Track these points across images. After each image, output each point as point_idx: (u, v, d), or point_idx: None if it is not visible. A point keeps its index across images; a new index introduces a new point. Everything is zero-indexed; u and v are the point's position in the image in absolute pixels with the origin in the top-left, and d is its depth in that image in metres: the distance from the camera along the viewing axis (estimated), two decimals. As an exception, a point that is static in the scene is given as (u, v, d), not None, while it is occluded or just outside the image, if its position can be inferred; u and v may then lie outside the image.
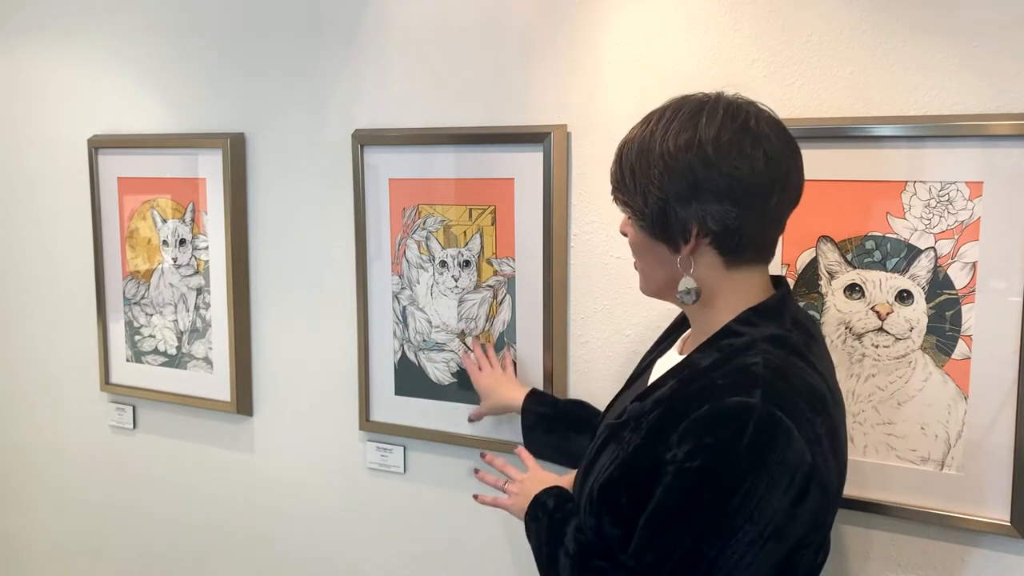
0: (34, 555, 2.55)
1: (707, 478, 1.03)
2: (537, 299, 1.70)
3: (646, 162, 1.11)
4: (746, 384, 1.04)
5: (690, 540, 1.04)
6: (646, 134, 1.13)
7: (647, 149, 1.12)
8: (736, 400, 1.03)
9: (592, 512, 1.17)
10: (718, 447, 1.02)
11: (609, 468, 1.14)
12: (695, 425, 1.04)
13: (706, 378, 1.08)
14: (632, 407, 1.16)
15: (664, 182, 1.10)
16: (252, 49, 2.00)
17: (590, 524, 1.17)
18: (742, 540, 1.02)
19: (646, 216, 1.14)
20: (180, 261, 2.14)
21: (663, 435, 1.07)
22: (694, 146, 1.08)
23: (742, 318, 1.13)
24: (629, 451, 1.12)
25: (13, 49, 2.36)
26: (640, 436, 1.11)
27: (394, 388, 1.89)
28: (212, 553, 2.23)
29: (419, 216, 1.81)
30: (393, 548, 1.96)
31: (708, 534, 1.03)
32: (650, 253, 1.18)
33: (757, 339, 1.10)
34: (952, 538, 1.42)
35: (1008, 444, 1.35)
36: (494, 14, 1.71)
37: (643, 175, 1.12)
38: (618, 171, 1.17)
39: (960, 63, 1.35)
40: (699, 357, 1.13)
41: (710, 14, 1.52)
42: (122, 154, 2.19)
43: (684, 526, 1.04)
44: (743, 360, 1.07)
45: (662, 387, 1.14)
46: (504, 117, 1.72)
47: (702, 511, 1.03)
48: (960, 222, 1.36)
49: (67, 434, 2.42)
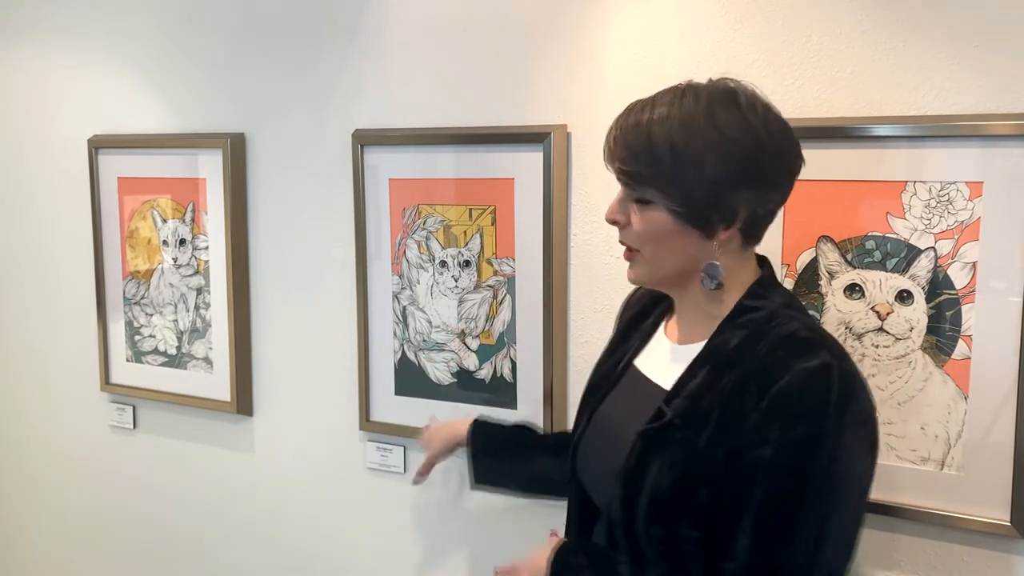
0: (33, 554, 2.55)
1: (811, 447, 1.01)
2: (537, 299, 1.70)
3: (697, 147, 1.07)
4: (807, 348, 1.06)
5: (815, 515, 1.02)
6: (686, 117, 1.07)
7: (696, 134, 1.07)
8: (814, 363, 1.03)
9: (658, 521, 1.10)
10: (814, 412, 1.02)
11: (673, 471, 1.09)
12: (782, 397, 1.02)
13: (754, 355, 1.08)
14: (674, 406, 1.11)
15: (720, 168, 1.07)
16: (252, 49, 2.00)
17: (656, 534, 1.10)
18: (848, 502, 1.04)
19: (688, 202, 1.09)
20: (180, 261, 2.14)
21: (739, 421, 1.05)
22: (749, 131, 1.07)
23: (752, 293, 1.15)
24: (700, 446, 1.07)
25: (13, 49, 2.36)
26: (707, 429, 1.07)
27: (394, 388, 1.89)
28: (212, 552, 2.23)
29: (419, 216, 1.81)
30: (393, 548, 1.96)
31: (826, 504, 1.02)
32: (673, 239, 1.13)
33: (775, 309, 1.12)
34: (952, 538, 1.42)
35: (1008, 444, 1.35)
36: (494, 14, 1.71)
37: (693, 161, 1.07)
38: (645, 155, 1.09)
39: (960, 63, 1.35)
40: (723, 339, 1.12)
41: (710, 14, 1.52)
42: (122, 154, 2.19)
43: (803, 504, 1.02)
44: (781, 330, 1.09)
45: (694, 378, 1.12)
46: (504, 117, 1.72)
47: (815, 482, 1.01)
48: (960, 222, 1.36)
49: (67, 434, 2.42)
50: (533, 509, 1.76)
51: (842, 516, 1.04)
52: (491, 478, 1.55)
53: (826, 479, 1.02)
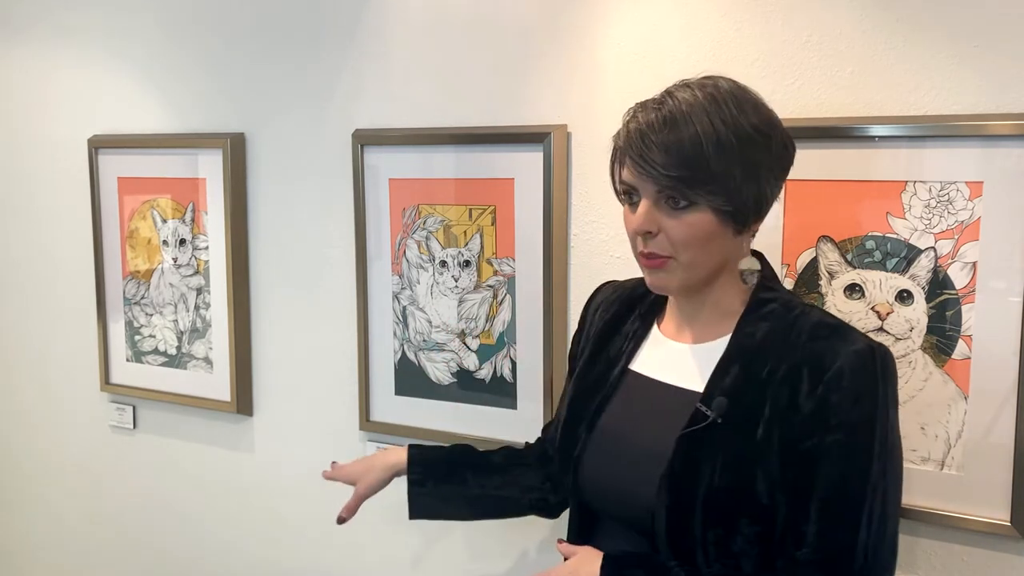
0: (33, 554, 2.55)
1: (870, 427, 1.05)
2: (537, 299, 1.70)
3: (738, 143, 1.08)
4: (843, 334, 1.10)
5: (877, 494, 1.06)
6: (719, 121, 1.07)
7: (732, 131, 1.07)
8: (859, 347, 1.07)
9: (717, 522, 1.09)
10: (869, 392, 1.06)
11: (729, 470, 1.08)
12: (837, 383, 1.05)
13: (792, 344, 1.10)
14: (716, 405, 1.10)
15: (760, 161, 1.10)
16: (252, 49, 2.00)
17: (714, 537, 1.09)
18: (898, 477, 1.09)
19: (736, 199, 1.09)
20: (180, 261, 2.14)
21: (792, 410, 1.07)
22: (774, 124, 1.12)
23: (763, 286, 1.18)
24: (756, 441, 1.07)
25: (13, 49, 2.36)
26: (760, 424, 1.07)
27: (394, 388, 1.89)
28: (212, 552, 2.23)
29: (419, 216, 1.81)
30: (393, 548, 1.96)
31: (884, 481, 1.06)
32: (715, 240, 1.11)
33: (787, 299, 1.16)
34: (952, 538, 1.42)
35: (1008, 444, 1.35)
36: (494, 14, 1.71)
37: (737, 158, 1.08)
38: (694, 159, 1.07)
39: (960, 63, 1.35)
40: (747, 333, 1.14)
41: (710, 14, 1.51)
42: (122, 154, 2.19)
43: (866, 485, 1.05)
44: (807, 319, 1.12)
45: (726, 375, 1.12)
46: (504, 117, 1.72)
47: (876, 462, 1.05)
48: (960, 222, 1.36)
49: (67, 434, 2.42)
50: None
51: (896, 491, 1.09)
52: (428, 507, 1.47)
53: (882, 458, 1.06)
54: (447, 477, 1.46)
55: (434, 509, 1.48)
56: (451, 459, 1.49)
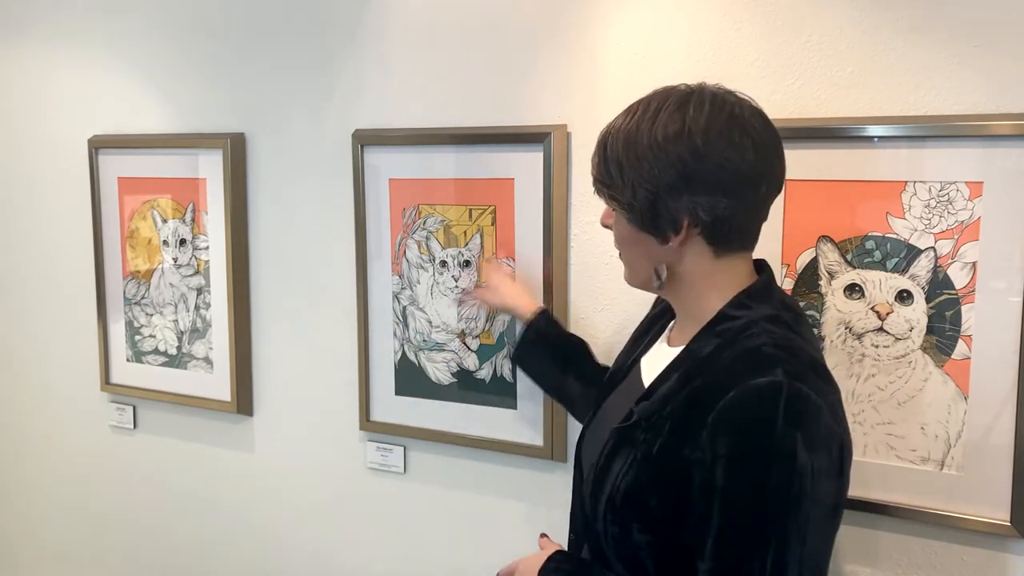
0: (33, 555, 2.55)
1: (759, 466, 0.99)
2: (537, 299, 1.70)
3: (634, 154, 1.09)
4: (763, 364, 1.03)
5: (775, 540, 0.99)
6: (631, 125, 1.10)
7: (634, 141, 1.09)
8: (762, 381, 1.00)
9: (616, 520, 1.11)
10: (759, 431, 0.99)
11: (629, 473, 1.09)
12: (727, 414, 1.01)
13: (717, 366, 1.06)
14: (640, 407, 1.12)
15: (654, 174, 1.08)
16: (252, 49, 2.00)
17: (613, 533, 1.11)
18: (812, 528, 1.00)
19: (634, 209, 1.11)
20: (180, 261, 2.14)
21: (690, 432, 1.04)
22: (684, 137, 1.06)
23: (736, 302, 1.12)
24: (654, 452, 1.07)
25: (13, 49, 2.36)
26: (662, 435, 1.07)
27: (394, 388, 1.89)
28: (212, 552, 2.23)
29: (419, 216, 1.81)
30: (393, 548, 1.96)
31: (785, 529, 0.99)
32: (636, 245, 1.16)
33: (754, 320, 1.09)
34: (952, 538, 1.42)
35: (1008, 444, 1.35)
36: (494, 14, 1.71)
37: (631, 168, 1.09)
38: (602, 163, 1.13)
39: (960, 63, 1.35)
40: (698, 346, 1.11)
41: (710, 15, 1.51)
42: (122, 154, 2.19)
43: (760, 528, 0.99)
44: (748, 343, 1.06)
45: (666, 382, 1.12)
46: (504, 117, 1.72)
47: (770, 506, 0.99)
48: (960, 222, 1.36)
49: (67, 434, 2.42)
50: (533, 511, 1.77)
51: (805, 542, 1.00)
52: (527, 366, 1.62)
53: (782, 503, 0.98)
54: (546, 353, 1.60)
55: (527, 370, 1.63)
56: (559, 343, 1.60)
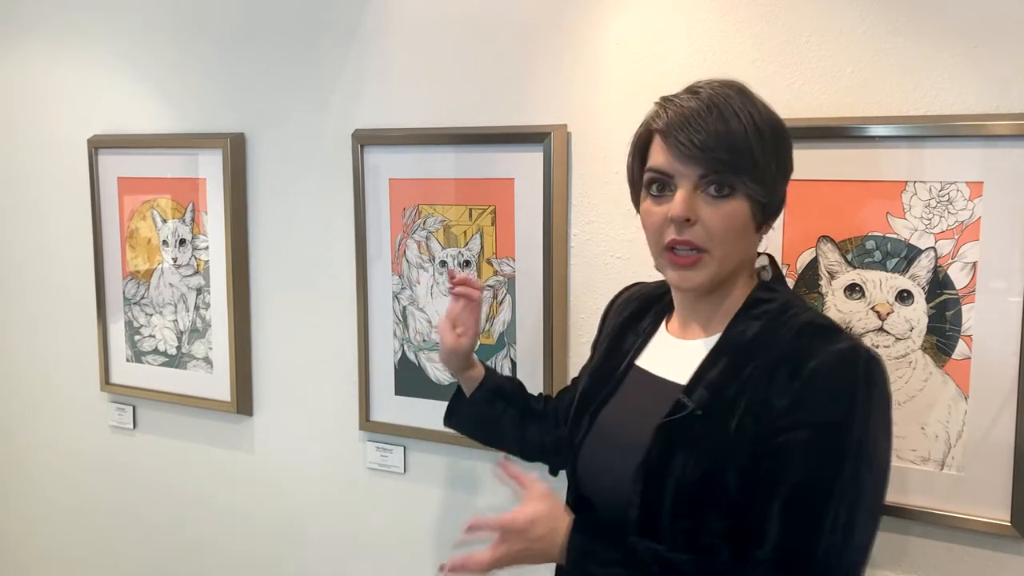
0: (33, 555, 2.55)
1: (844, 429, 1.03)
2: (537, 299, 1.70)
3: (778, 137, 1.12)
4: (832, 332, 1.09)
5: (845, 500, 1.02)
6: (758, 109, 1.11)
7: (776, 124, 1.12)
8: (844, 346, 1.06)
9: (687, 513, 1.09)
10: (846, 393, 1.03)
11: (702, 461, 1.08)
12: (815, 379, 1.04)
13: (778, 342, 1.09)
14: (697, 397, 1.10)
15: (787, 157, 1.14)
16: (252, 49, 2.00)
17: (683, 527, 1.09)
18: (874, 486, 1.05)
19: (771, 192, 1.12)
20: (180, 261, 2.14)
21: (768, 407, 1.05)
22: (784, 126, 1.14)
23: (764, 287, 1.17)
24: (730, 435, 1.06)
25: (13, 49, 2.36)
26: (736, 417, 1.07)
27: (394, 388, 1.89)
28: (212, 552, 2.23)
29: (419, 216, 1.81)
30: (393, 548, 1.96)
31: (855, 488, 1.02)
32: (745, 234, 1.13)
33: (788, 301, 1.15)
34: (952, 538, 1.42)
35: (1008, 444, 1.35)
36: (495, 14, 1.71)
37: (774, 151, 1.11)
38: (745, 145, 1.08)
39: (960, 63, 1.35)
40: (740, 330, 1.13)
41: (710, 14, 1.51)
42: (122, 154, 2.19)
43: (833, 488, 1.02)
44: (798, 319, 1.11)
45: (713, 368, 1.12)
46: (504, 117, 1.72)
47: (847, 466, 1.02)
48: (960, 222, 1.36)
49: (67, 434, 2.42)
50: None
51: (869, 501, 1.05)
52: (463, 424, 1.54)
53: (856, 462, 1.03)
54: (495, 401, 1.50)
55: (463, 426, 1.55)
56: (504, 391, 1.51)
